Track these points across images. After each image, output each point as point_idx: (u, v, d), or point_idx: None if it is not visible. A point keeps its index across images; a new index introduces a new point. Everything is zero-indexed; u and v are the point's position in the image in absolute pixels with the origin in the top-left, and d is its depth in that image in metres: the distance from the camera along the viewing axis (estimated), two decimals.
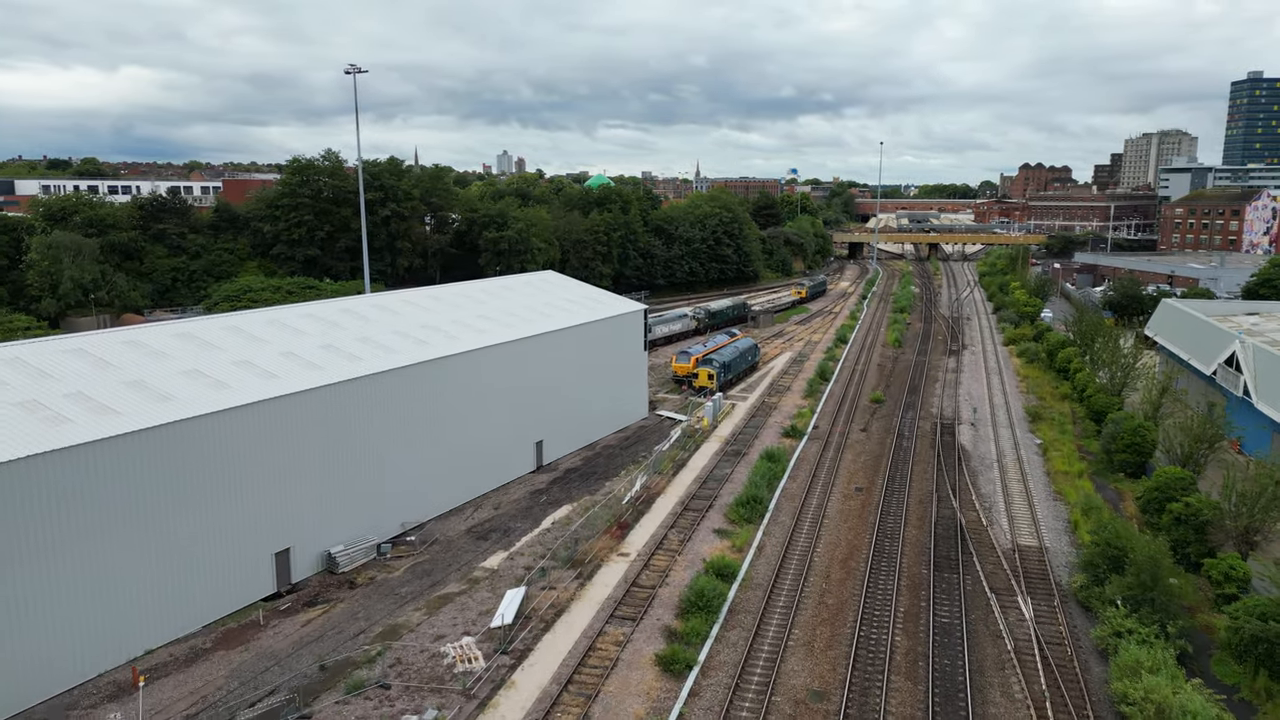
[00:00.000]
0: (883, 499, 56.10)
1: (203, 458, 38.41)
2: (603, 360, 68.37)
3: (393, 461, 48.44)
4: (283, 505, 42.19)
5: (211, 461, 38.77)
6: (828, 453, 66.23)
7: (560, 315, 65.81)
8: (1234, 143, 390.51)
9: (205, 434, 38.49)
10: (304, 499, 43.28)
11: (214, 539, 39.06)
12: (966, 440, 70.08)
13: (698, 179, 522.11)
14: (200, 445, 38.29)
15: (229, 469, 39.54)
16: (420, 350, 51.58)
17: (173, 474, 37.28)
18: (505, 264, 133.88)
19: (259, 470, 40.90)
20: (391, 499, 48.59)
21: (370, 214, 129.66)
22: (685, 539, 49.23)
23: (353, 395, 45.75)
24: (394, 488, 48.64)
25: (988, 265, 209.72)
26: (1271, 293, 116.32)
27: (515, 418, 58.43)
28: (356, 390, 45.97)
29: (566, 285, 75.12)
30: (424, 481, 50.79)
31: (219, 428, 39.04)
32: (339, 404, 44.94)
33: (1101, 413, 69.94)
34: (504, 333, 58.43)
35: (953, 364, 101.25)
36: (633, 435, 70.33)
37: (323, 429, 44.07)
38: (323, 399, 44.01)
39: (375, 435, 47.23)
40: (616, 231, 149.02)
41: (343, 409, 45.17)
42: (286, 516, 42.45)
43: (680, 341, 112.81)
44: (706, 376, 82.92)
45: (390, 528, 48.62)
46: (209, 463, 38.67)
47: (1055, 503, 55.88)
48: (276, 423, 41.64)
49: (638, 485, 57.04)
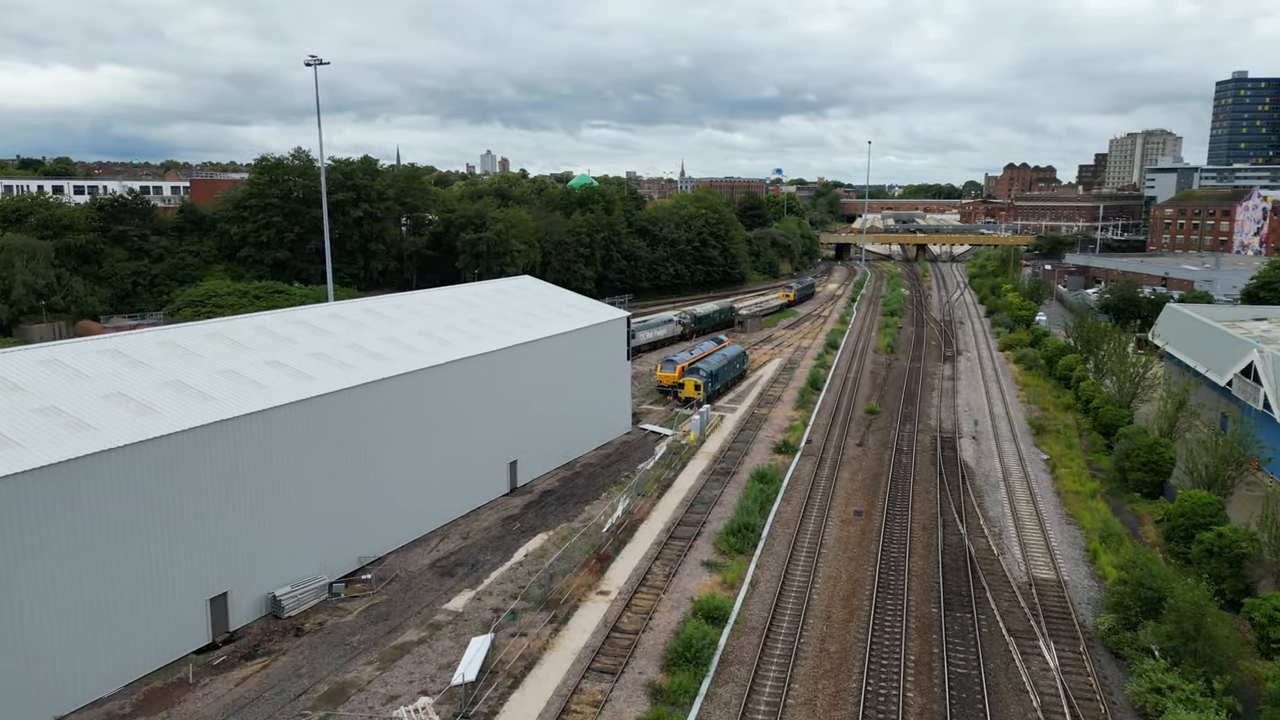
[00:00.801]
0: (884, 524, 51.91)
1: (125, 492, 33.71)
2: (583, 372, 63.95)
3: (348, 490, 43.84)
4: (219, 543, 37.53)
5: (135, 496, 34.07)
6: (823, 471, 62.03)
7: (536, 324, 61.33)
8: (1219, 142, 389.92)
9: (128, 466, 33.80)
10: (245, 536, 38.62)
11: (137, 584, 34.37)
12: (969, 455, 66.04)
13: (682, 179, 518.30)
14: (123, 478, 33.59)
15: (155, 504, 34.84)
16: (380, 366, 46.95)
17: (91, 511, 32.57)
18: (484, 266, 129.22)
19: (192, 504, 36.22)
20: (347, 531, 43.97)
21: (342, 215, 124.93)
22: (671, 573, 44.85)
23: (302, 418, 41.12)
24: (350, 519, 44.04)
25: (977, 267, 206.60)
26: (1272, 296, 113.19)
27: (486, 437, 53.91)
28: (307, 412, 41.33)
29: (543, 291, 70.61)
30: (384, 510, 46.19)
31: (144, 458, 34.34)
32: (287, 428, 40.31)
33: (1111, 426, 66.09)
34: (473, 345, 53.88)
35: (948, 371, 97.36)
36: (615, 452, 65.89)
37: (267, 457, 39.44)
38: (267, 423, 39.37)
39: (328, 462, 42.62)
40: (599, 233, 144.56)
41: (291, 433, 40.54)
42: (224, 556, 37.78)
43: (666, 348, 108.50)
44: (693, 387, 78.59)
45: (345, 563, 44.00)
46: (132, 497, 33.97)
47: (1069, 527, 51.83)
48: (212, 451, 36.98)
49: (619, 510, 52.62)
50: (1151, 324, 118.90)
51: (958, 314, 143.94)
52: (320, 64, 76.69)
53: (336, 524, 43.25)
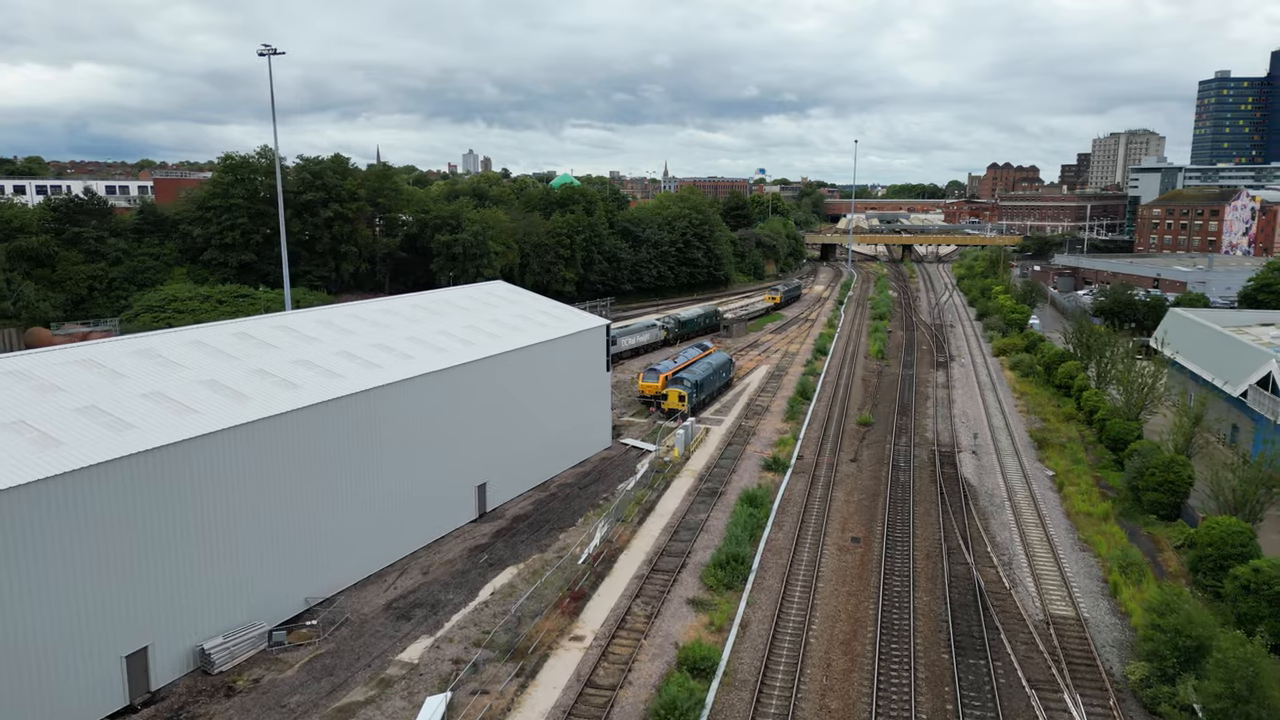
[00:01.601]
0: (884, 552, 47.80)
1: (21, 536, 29.06)
2: (559, 385, 59.56)
3: (294, 524, 39.29)
4: (138, 590, 32.91)
5: (34, 540, 29.43)
6: (815, 490, 57.88)
7: (508, 334, 56.88)
8: (1202, 142, 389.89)
9: (28, 506, 29.15)
10: (168, 580, 34.01)
11: (35, 641, 29.72)
12: (970, 472, 62.11)
13: (666, 179, 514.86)
14: (20, 520, 28.95)
15: (57, 549, 30.21)
16: (330, 384, 42.38)
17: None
18: (459, 269, 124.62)
19: (102, 548, 31.59)
20: (292, 570, 39.41)
21: (311, 216, 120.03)
22: (653, 613, 40.54)
23: (237, 445, 36.54)
24: (296, 556, 39.49)
25: (964, 268, 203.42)
26: (1270, 299, 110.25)
27: (452, 459, 49.41)
28: (243, 438, 36.75)
29: (516, 298, 66.13)
30: (336, 545, 41.65)
31: (46, 497, 29.71)
32: (217, 457, 35.72)
33: (1119, 440, 62.33)
34: (438, 358, 49.37)
35: (942, 378, 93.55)
36: (593, 471, 61.50)
37: (194, 490, 34.85)
38: (197, 453, 34.78)
39: (270, 493, 38.05)
40: (580, 234, 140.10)
41: (223, 463, 35.95)
42: (144, 604, 33.17)
43: (648, 354, 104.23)
44: (677, 398, 74.29)
45: (289, 606, 39.41)
46: (29, 543, 29.32)
47: (1083, 554, 47.89)
48: (129, 486, 32.36)
49: (597, 538, 48.26)
50: (1147, 327, 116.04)
51: (948, 317, 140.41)
52: (274, 54, 71.87)
53: (279, 562, 38.70)
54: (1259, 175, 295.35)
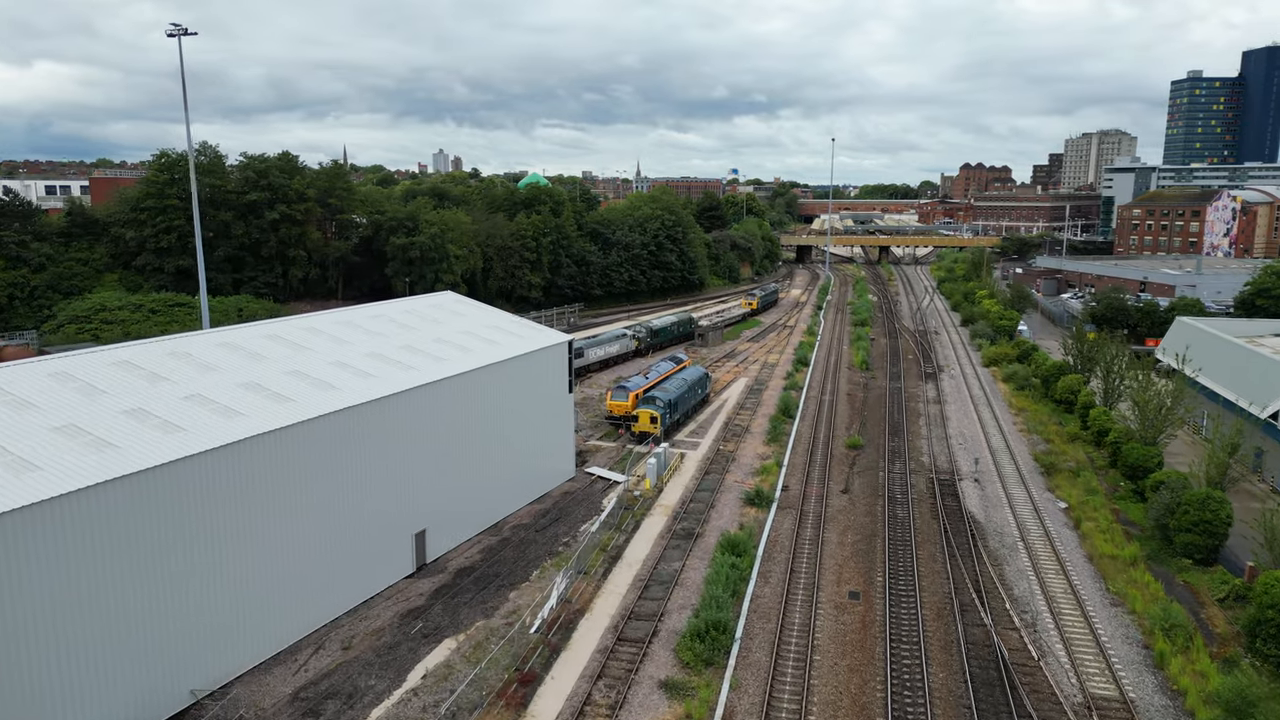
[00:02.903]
0: (887, 610, 41.17)
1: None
2: (513, 411, 52.44)
3: (177, 593, 31.91)
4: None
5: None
6: (804, 530, 51.19)
7: (454, 354, 49.66)
8: (1174, 142, 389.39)
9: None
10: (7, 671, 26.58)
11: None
12: (974, 504, 55.76)
13: (638, 179, 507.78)
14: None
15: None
16: (227, 427, 34.99)
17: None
18: (417, 274, 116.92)
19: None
20: (173, 653, 32.01)
21: (257, 217, 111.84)
22: (618, 701, 33.55)
23: (109, 505, 29.14)
24: (179, 634, 32.11)
25: (944, 270, 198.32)
26: (1270, 304, 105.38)
27: (385, 504, 42.15)
28: (108, 498, 29.34)
29: (466, 311, 58.81)
30: (233, 617, 34.29)
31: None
32: (82, 522, 28.31)
33: (1138, 468, 56.28)
34: (367, 386, 42.09)
35: (932, 392, 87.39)
36: (553, 508, 54.39)
37: (47, 561, 27.42)
38: (49, 519, 27.36)
39: (143, 562, 30.66)
40: (547, 236, 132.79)
41: (91, 527, 28.55)
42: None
43: (618, 365, 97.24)
44: (648, 419, 67.33)
45: (169, 700, 32.01)
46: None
47: (1116, 611, 41.54)
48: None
49: (554, 598, 41.22)
50: (1140, 334, 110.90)
51: (931, 323, 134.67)
52: (185, 34, 64.02)
53: (155, 643, 31.29)
54: (1233, 175, 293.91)
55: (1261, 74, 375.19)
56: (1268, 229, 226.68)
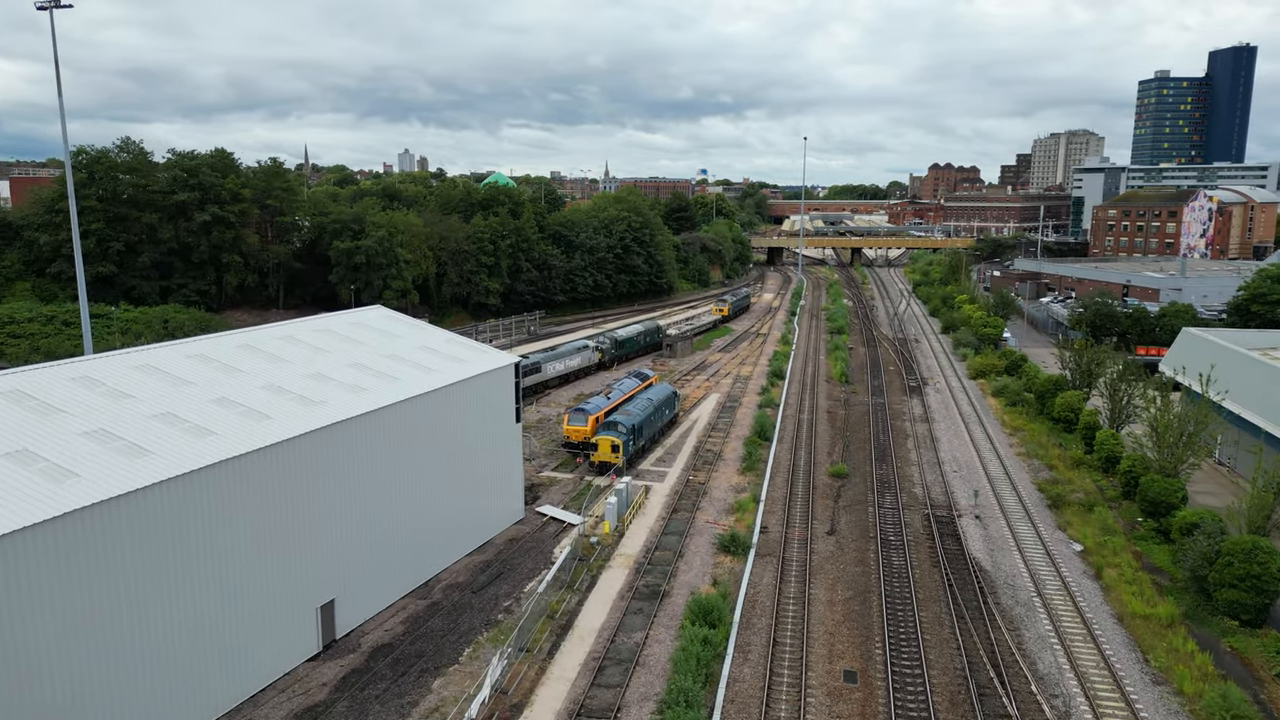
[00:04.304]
0: (890, 696, 34.12)
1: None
2: (448, 448, 44.84)
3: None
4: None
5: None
6: (787, 584, 44.08)
7: (376, 384, 41.97)
8: (1142, 142, 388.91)
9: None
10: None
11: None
12: (978, 548, 49.00)
13: (606, 179, 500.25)
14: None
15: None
16: (58, 494, 27.08)
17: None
18: (363, 280, 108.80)
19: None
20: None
21: (186, 219, 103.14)
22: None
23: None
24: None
25: (919, 273, 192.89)
26: (1265, 309, 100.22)
27: (279, 574, 34.41)
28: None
29: (395, 330, 50.95)
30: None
31: None
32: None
33: (1159, 504, 49.86)
34: (258, 430, 34.30)
35: (918, 409, 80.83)
36: (496, 559, 46.80)
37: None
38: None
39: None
40: (505, 239, 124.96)
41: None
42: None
43: (580, 380, 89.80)
44: (609, 448, 59.91)
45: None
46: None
47: (1161, 692, 34.81)
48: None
49: (487, 688, 33.65)
50: (1130, 341, 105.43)
51: (910, 330, 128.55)
52: (57, 6, 55.65)
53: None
54: (1202, 175, 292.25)
55: (1228, 74, 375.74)
56: (1242, 229, 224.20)
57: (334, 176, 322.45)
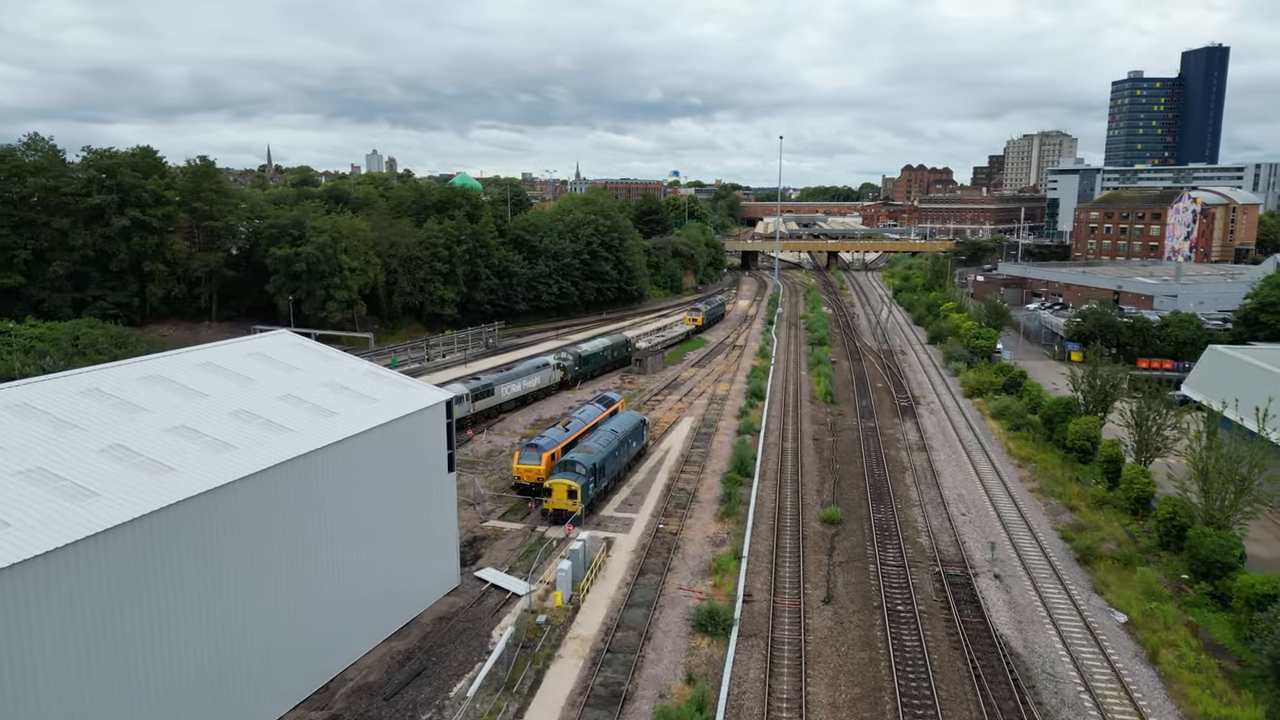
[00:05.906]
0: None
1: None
2: (356, 511, 36.04)
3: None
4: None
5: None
6: (779, 681, 35.72)
7: (265, 436, 33.07)
8: (1116, 143, 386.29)
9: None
10: None
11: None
12: (1003, 619, 40.98)
13: (577, 180, 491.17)
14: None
15: None
16: None
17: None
18: (304, 290, 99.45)
19: None
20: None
21: (103, 224, 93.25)
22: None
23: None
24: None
25: (899, 278, 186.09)
26: (1275, 320, 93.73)
27: (119, 693, 25.47)
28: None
29: (299, 364, 41.85)
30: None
31: None
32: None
33: (1214, 562, 42.15)
34: (84, 512, 25.36)
35: (913, 434, 72.97)
36: (420, 648, 37.98)
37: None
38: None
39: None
40: (462, 244, 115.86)
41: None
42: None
43: (540, 402, 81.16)
44: (565, 493, 51.25)
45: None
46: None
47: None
48: None
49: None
50: (1131, 353, 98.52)
51: (895, 340, 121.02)
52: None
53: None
54: (1178, 177, 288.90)
55: (1201, 74, 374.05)
56: (1224, 232, 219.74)
57: (295, 177, 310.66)
